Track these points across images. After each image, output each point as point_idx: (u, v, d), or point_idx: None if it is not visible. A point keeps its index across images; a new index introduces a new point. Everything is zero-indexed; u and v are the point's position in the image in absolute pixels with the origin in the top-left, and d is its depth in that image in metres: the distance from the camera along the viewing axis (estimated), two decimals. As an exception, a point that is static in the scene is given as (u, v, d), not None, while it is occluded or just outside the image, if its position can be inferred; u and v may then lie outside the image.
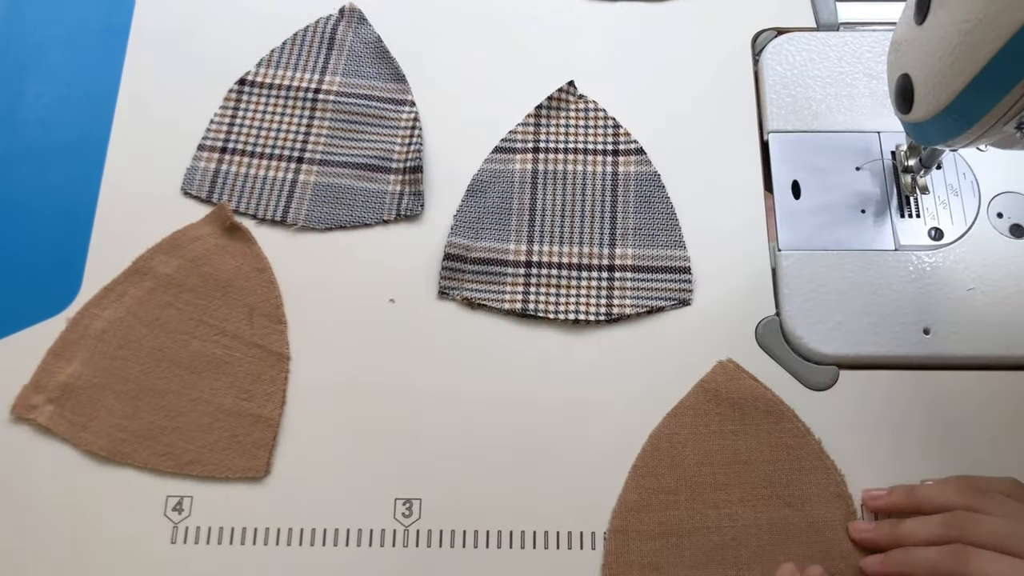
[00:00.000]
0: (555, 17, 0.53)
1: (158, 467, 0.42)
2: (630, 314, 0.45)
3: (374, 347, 0.44)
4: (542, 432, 0.42)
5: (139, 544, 0.40)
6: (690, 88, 0.50)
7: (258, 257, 0.46)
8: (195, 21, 0.53)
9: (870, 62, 0.50)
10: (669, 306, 0.45)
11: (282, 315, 0.45)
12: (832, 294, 0.44)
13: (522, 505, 0.41)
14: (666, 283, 0.45)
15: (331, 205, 0.48)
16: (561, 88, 0.50)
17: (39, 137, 0.50)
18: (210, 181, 0.48)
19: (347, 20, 0.53)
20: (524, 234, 0.47)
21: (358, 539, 0.40)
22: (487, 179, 0.48)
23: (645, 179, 0.48)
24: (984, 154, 0.47)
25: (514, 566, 0.40)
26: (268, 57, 0.51)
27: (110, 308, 0.45)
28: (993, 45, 0.30)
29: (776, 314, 0.45)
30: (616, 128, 0.49)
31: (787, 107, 0.49)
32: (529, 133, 0.49)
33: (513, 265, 0.46)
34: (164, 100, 0.50)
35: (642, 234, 0.46)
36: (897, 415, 0.42)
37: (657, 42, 0.52)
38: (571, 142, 0.49)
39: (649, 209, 0.47)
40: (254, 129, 0.50)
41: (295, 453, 0.42)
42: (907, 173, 0.46)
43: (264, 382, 0.43)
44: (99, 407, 0.43)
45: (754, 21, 0.52)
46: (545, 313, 0.45)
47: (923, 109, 0.35)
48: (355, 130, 0.50)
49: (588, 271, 0.46)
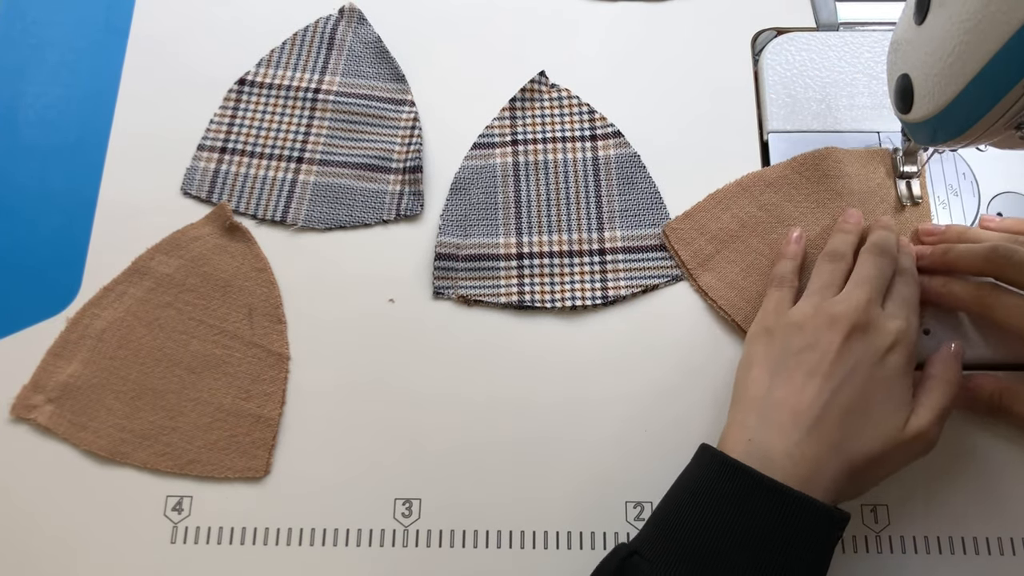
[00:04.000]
0: (555, 17, 0.53)
1: (158, 467, 0.42)
2: (625, 295, 0.45)
3: (374, 347, 0.44)
4: (542, 431, 0.42)
5: (139, 544, 0.40)
6: (690, 88, 0.50)
7: (258, 257, 0.46)
8: (195, 21, 0.53)
9: (870, 62, 0.50)
10: (663, 283, 0.45)
11: (282, 315, 0.45)
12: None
13: (522, 505, 0.41)
14: (658, 261, 0.46)
15: (331, 205, 0.48)
16: (532, 79, 0.50)
17: (39, 137, 0.50)
18: (210, 181, 0.48)
19: (347, 20, 0.53)
20: (512, 227, 0.47)
21: (358, 539, 0.40)
22: (469, 176, 0.48)
23: (625, 161, 0.48)
24: (984, 154, 0.47)
25: (514, 566, 0.40)
26: (268, 57, 0.51)
27: (110, 308, 0.45)
28: (993, 45, 0.30)
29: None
30: (591, 113, 0.49)
31: (787, 107, 0.49)
32: (506, 126, 0.49)
33: (505, 259, 0.46)
34: (164, 100, 0.50)
35: (628, 215, 0.47)
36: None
37: (657, 42, 0.52)
38: (548, 131, 0.49)
39: (632, 190, 0.47)
40: (254, 129, 0.50)
41: (295, 453, 0.42)
42: (903, 179, 0.46)
43: (264, 382, 0.43)
44: (99, 407, 0.43)
45: (754, 21, 0.52)
46: (542, 303, 0.45)
47: (923, 109, 0.35)
48: (355, 130, 0.50)
49: (580, 257, 0.46)
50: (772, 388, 0.36)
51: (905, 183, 0.46)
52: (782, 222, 0.45)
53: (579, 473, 0.41)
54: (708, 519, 0.33)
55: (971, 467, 0.41)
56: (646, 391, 0.43)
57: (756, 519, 0.32)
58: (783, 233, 0.45)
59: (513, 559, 0.40)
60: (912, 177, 0.46)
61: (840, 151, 0.46)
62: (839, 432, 0.34)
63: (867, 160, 0.46)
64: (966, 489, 0.41)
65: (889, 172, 0.46)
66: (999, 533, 0.40)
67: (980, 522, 0.40)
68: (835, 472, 0.34)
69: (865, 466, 0.35)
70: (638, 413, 0.42)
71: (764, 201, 0.46)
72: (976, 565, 0.39)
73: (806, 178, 0.46)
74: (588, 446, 0.42)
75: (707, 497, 0.34)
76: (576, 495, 0.41)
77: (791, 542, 0.32)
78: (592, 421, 0.42)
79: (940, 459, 0.41)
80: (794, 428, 0.34)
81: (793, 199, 0.46)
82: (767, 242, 0.45)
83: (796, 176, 0.46)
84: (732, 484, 0.33)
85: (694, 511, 0.34)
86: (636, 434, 0.42)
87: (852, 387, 0.35)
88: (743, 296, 0.44)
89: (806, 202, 0.46)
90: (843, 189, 0.45)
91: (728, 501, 0.33)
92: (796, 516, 0.32)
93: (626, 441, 0.42)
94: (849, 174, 0.46)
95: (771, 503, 0.32)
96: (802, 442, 0.34)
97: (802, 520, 0.32)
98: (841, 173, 0.46)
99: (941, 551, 0.39)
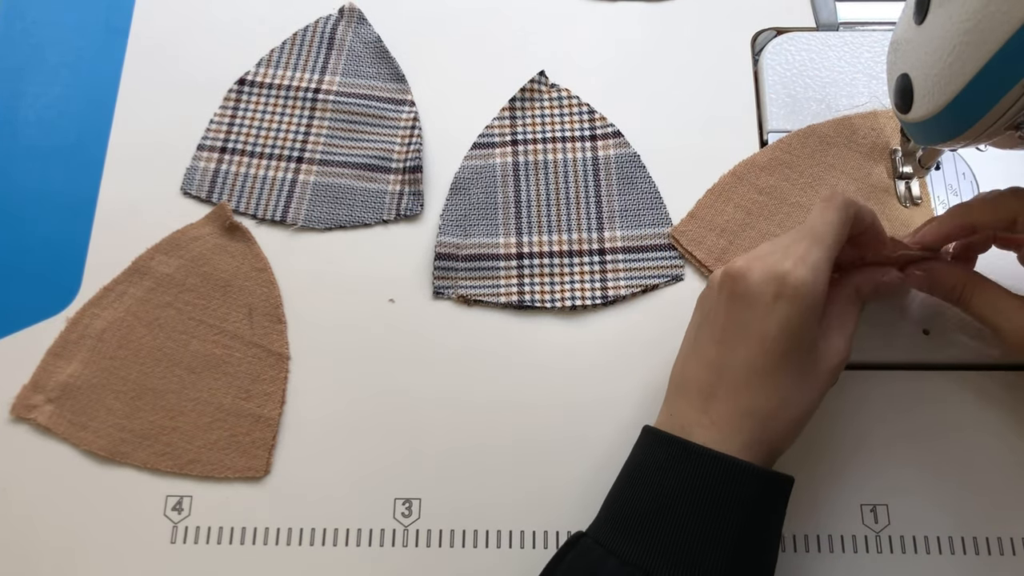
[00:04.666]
0: (555, 17, 0.53)
1: (158, 467, 0.42)
2: (625, 295, 0.45)
3: (374, 347, 0.44)
4: (542, 431, 0.42)
5: (139, 544, 0.40)
6: (690, 88, 0.50)
7: (258, 257, 0.46)
8: (195, 21, 0.53)
9: (870, 62, 0.50)
10: (663, 283, 0.45)
11: (282, 315, 0.45)
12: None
13: (522, 505, 0.41)
14: (657, 261, 0.46)
15: (331, 205, 0.48)
16: (532, 79, 0.50)
17: (39, 138, 0.50)
18: (210, 181, 0.48)
19: (347, 20, 0.53)
20: (512, 227, 0.47)
21: (358, 539, 0.40)
22: (469, 176, 0.48)
23: (625, 161, 0.48)
24: (984, 154, 0.47)
25: (514, 566, 0.40)
26: (268, 57, 0.51)
27: (110, 308, 0.45)
28: (993, 45, 0.30)
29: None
30: (591, 113, 0.49)
31: (787, 107, 0.49)
32: (506, 126, 0.49)
33: (505, 259, 0.46)
34: (164, 100, 0.50)
35: (628, 215, 0.47)
36: (897, 415, 0.42)
37: (657, 42, 0.52)
38: (548, 131, 0.49)
39: (632, 190, 0.47)
40: (254, 129, 0.50)
41: (295, 453, 0.42)
42: (902, 180, 0.46)
43: (264, 382, 0.43)
44: (99, 407, 0.43)
45: (754, 21, 0.52)
46: (541, 303, 0.45)
47: (923, 109, 0.35)
48: (355, 130, 0.50)
49: (580, 257, 0.46)
50: (686, 361, 0.37)
51: (905, 183, 0.46)
52: (785, 202, 0.46)
53: (579, 473, 0.41)
54: (640, 491, 0.34)
55: (971, 467, 0.41)
56: (646, 391, 0.43)
57: (681, 482, 0.33)
58: (788, 213, 0.46)
59: (513, 559, 0.40)
60: (912, 178, 0.46)
61: (822, 125, 0.47)
62: (750, 395, 0.34)
63: (850, 125, 0.48)
64: (966, 489, 0.41)
65: (889, 172, 0.46)
66: (999, 533, 0.40)
67: (980, 522, 0.40)
68: (754, 433, 0.34)
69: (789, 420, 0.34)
70: (638, 413, 0.42)
71: (762, 185, 0.46)
72: (976, 565, 0.39)
73: (796, 156, 0.47)
74: (588, 446, 0.42)
75: (641, 471, 0.35)
76: (576, 495, 0.41)
77: (716, 502, 0.32)
78: (592, 421, 0.42)
79: (940, 459, 0.41)
80: (706, 399, 0.35)
81: (789, 178, 0.46)
82: (775, 223, 0.46)
83: (787, 156, 0.47)
84: (662, 454, 0.34)
85: (629, 486, 0.35)
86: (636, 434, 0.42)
87: (748, 348, 0.34)
88: None
89: (802, 179, 0.46)
90: (835, 161, 0.46)
91: (658, 471, 0.34)
92: (717, 474, 0.33)
93: (626, 441, 0.42)
94: (837, 143, 0.47)
95: (692, 466, 0.33)
96: (714, 411, 0.34)
97: (724, 478, 0.32)
98: (828, 145, 0.47)
99: (941, 551, 0.39)
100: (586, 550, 0.33)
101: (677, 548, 0.32)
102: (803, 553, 0.40)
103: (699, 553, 0.31)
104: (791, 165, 0.47)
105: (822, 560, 0.39)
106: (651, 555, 0.32)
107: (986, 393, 0.42)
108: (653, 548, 0.32)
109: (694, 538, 0.32)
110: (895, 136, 0.47)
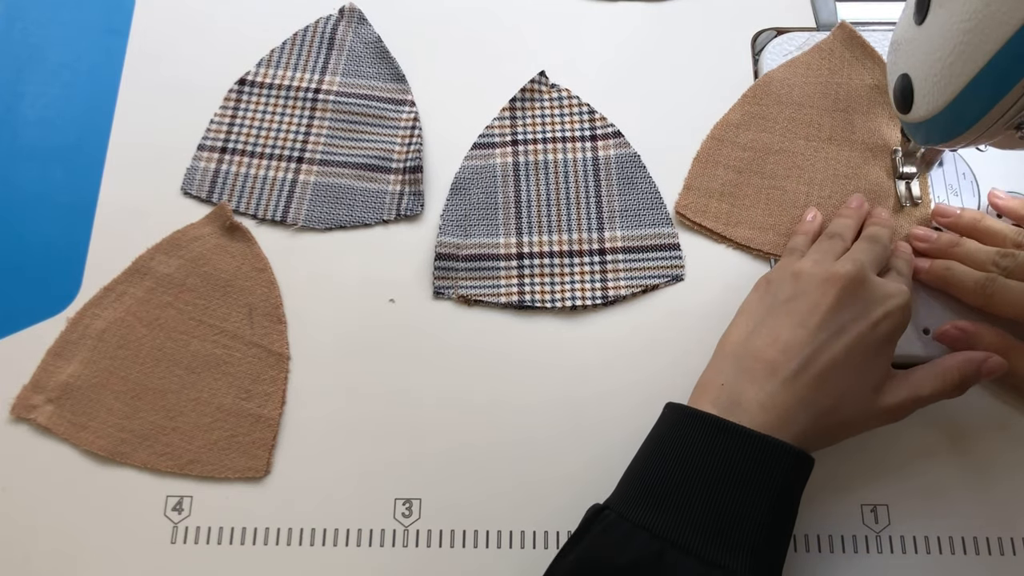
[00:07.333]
0: (555, 17, 0.53)
1: (158, 467, 0.42)
2: (625, 295, 0.45)
3: (374, 347, 0.44)
4: (542, 431, 0.42)
5: (139, 544, 0.40)
6: (690, 88, 0.50)
7: (258, 257, 0.46)
8: (194, 21, 0.53)
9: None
10: (663, 283, 0.45)
11: (282, 315, 0.45)
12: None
13: (522, 505, 0.41)
14: (657, 261, 0.46)
15: (331, 205, 0.48)
16: (532, 79, 0.50)
17: (39, 138, 0.50)
18: (210, 181, 0.48)
19: (347, 20, 0.53)
20: (512, 227, 0.47)
21: (358, 539, 0.40)
22: (469, 176, 0.48)
23: (625, 161, 0.48)
24: (984, 154, 0.47)
25: (514, 566, 0.40)
26: (268, 57, 0.51)
27: (110, 308, 0.45)
28: (993, 45, 0.30)
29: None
30: (592, 114, 0.49)
31: (787, 107, 0.49)
32: (506, 127, 0.49)
33: (505, 259, 0.46)
34: (164, 100, 0.50)
35: (629, 215, 0.47)
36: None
37: (657, 42, 0.52)
38: (548, 131, 0.49)
39: (633, 190, 0.47)
40: (254, 129, 0.50)
41: (295, 453, 0.42)
42: (902, 180, 0.46)
43: (264, 382, 0.43)
44: (99, 407, 0.43)
45: (754, 21, 0.52)
46: (542, 303, 0.45)
47: (923, 109, 0.35)
48: (355, 130, 0.50)
49: (580, 257, 0.46)
50: (753, 336, 0.37)
51: (905, 184, 0.46)
52: (770, 152, 0.47)
53: (579, 473, 0.41)
54: (670, 465, 0.34)
55: (971, 467, 0.41)
56: (646, 391, 0.43)
57: (716, 458, 0.33)
58: (777, 162, 0.47)
59: (513, 559, 0.40)
60: (912, 178, 0.46)
61: (776, 70, 0.49)
62: (815, 389, 0.35)
63: (803, 61, 0.49)
64: (966, 489, 0.41)
65: (889, 172, 0.46)
66: (999, 533, 0.40)
67: (980, 522, 0.40)
68: (803, 427, 0.34)
69: (833, 426, 0.35)
70: (638, 413, 0.42)
71: (743, 142, 0.48)
72: (976, 565, 0.39)
73: (765, 106, 0.48)
74: (588, 446, 0.42)
75: (671, 446, 0.35)
76: (576, 495, 0.41)
77: (751, 479, 0.32)
78: (592, 421, 0.42)
79: (940, 459, 0.41)
80: (769, 378, 0.35)
81: (767, 129, 0.48)
82: (767, 174, 0.47)
83: (757, 108, 0.48)
84: (694, 431, 0.34)
85: (658, 460, 0.35)
86: (636, 434, 0.42)
87: (837, 346, 0.35)
88: (780, 232, 0.46)
89: (778, 125, 0.48)
90: (802, 99, 0.48)
91: (690, 447, 0.34)
92: (755, 453, 0.33)
93: (627, 440, 0.42)
94: (796, 84, 0.49)
95: (730, 443, 0.33)
96: (776, 393, 0.34)
97: (761, 458, 0.33)
98: (790, 87, 0.49)
99: (941, 551, 0.39)
100: (611, 524, 0.33)
101: (710, 523, 0.32)
102: (803, 553, 0.40)
103: (732, 527, 0.32)
104: (764, 116, 0.48)
105: (822, 560, 0.39)
106: (682, 528, 0.32)
107: (986, 393, 0.42)
108: (684, 521, 0.32)
109: (728, 513, 0.32)
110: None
